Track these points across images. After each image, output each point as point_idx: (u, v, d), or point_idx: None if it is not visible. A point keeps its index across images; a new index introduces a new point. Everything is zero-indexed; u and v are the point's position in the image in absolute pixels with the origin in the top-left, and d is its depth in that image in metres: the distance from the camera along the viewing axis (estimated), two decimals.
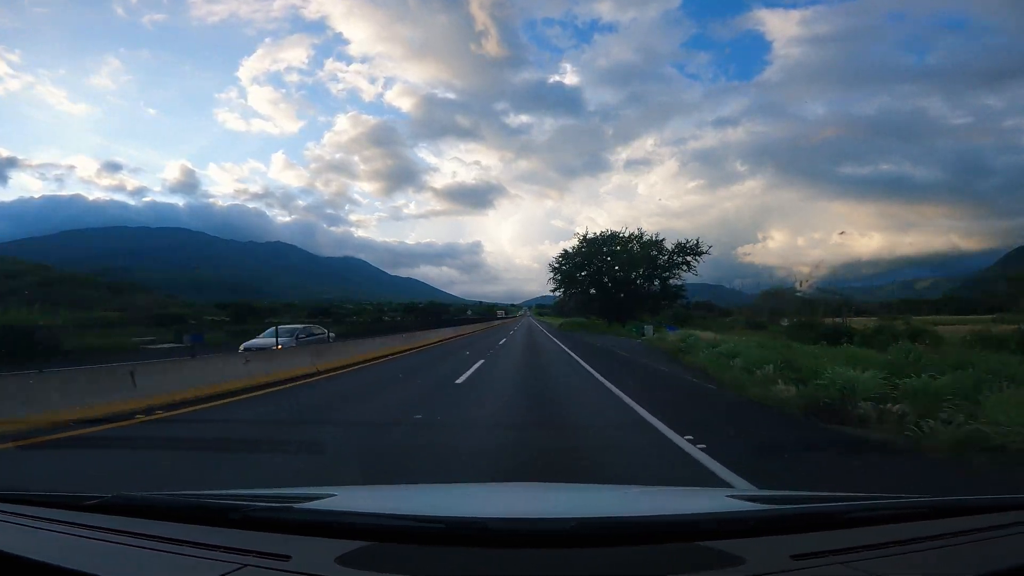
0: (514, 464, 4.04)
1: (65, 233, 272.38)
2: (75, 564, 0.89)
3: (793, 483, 3.56)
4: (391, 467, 3.96)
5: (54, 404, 5.73)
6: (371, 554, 0.95)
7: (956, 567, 0.95)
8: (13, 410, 5.40)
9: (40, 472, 4.20)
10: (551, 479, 3.27)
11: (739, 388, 8.01)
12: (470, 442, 4.85)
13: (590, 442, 4.93)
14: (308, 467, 4.03)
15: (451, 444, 4.74)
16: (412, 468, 3.92)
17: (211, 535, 1.02)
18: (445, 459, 4.19)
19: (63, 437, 5.07)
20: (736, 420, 6.08)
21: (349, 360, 12.48)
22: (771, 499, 1.48)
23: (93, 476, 3.93)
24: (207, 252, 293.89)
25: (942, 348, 11.12)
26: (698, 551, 0.96)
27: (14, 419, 5.26)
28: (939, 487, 3.53)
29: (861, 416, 5.42)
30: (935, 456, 4.19)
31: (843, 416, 5.58)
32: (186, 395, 7.09)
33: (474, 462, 4.07)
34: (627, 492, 1.98)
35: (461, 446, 4.65)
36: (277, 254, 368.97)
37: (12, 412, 5.36)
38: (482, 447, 4.62)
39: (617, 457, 4.33)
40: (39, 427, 5.25)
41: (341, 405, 7.28)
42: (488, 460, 4.14)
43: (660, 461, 4.16)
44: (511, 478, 3.35)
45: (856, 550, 0.95)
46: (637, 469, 4.00)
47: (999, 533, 1.02)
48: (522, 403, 7.23)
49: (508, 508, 1.52)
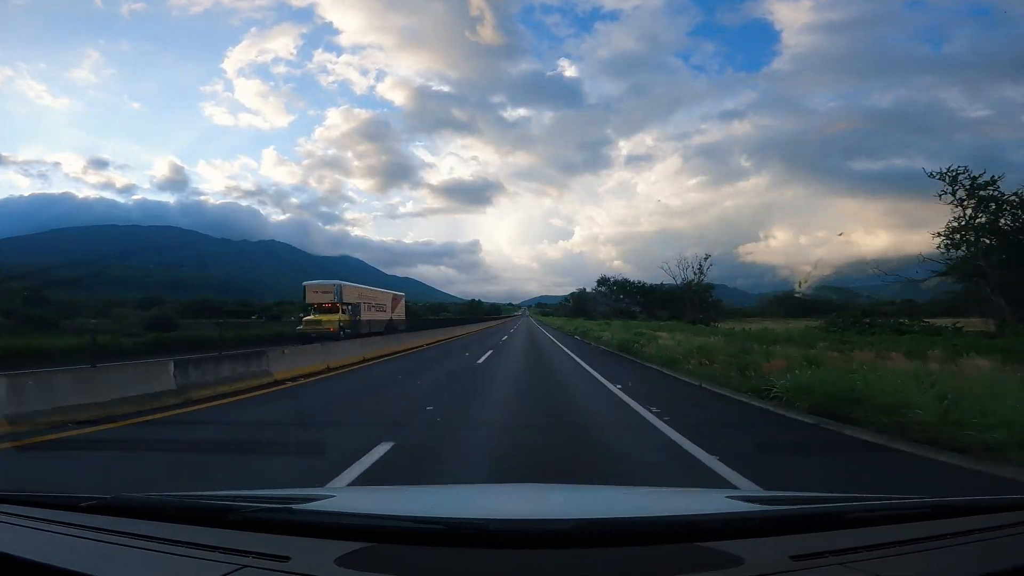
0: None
1: (53, 232, 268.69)
2: (74, 565, 0.88)
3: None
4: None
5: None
6: (371, 555, 0.95)
7: (956, 568, 0.96)
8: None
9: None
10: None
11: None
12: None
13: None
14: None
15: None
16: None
17: (210, 536, 1.02)
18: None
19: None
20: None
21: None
22: (771, 500, 1.49)
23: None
24: (199, 251, 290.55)
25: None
26: (697, 552, 0.97)
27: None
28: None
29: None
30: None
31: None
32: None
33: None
34: (626, 493, 1.99)
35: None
36: (271, 253, 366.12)
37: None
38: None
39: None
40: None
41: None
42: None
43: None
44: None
45: (856, 551, 0.96)
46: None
47: (999, 534, 1.03)
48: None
49: (507, 509, 1.52)
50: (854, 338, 19.20)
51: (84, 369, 6.65)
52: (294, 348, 11.93)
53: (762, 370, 8.07)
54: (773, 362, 8.55)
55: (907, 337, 19.43)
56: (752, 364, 8.68)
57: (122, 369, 7.20)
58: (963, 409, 4.59)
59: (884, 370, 7.04)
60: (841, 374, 6.72)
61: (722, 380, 8.69)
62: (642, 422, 5.81)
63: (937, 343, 14.74)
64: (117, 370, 7.01)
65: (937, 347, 12.83)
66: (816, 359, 8.73)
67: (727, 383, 8.40)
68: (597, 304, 69.60)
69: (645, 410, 6.39)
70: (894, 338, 19.09)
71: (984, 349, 12.34)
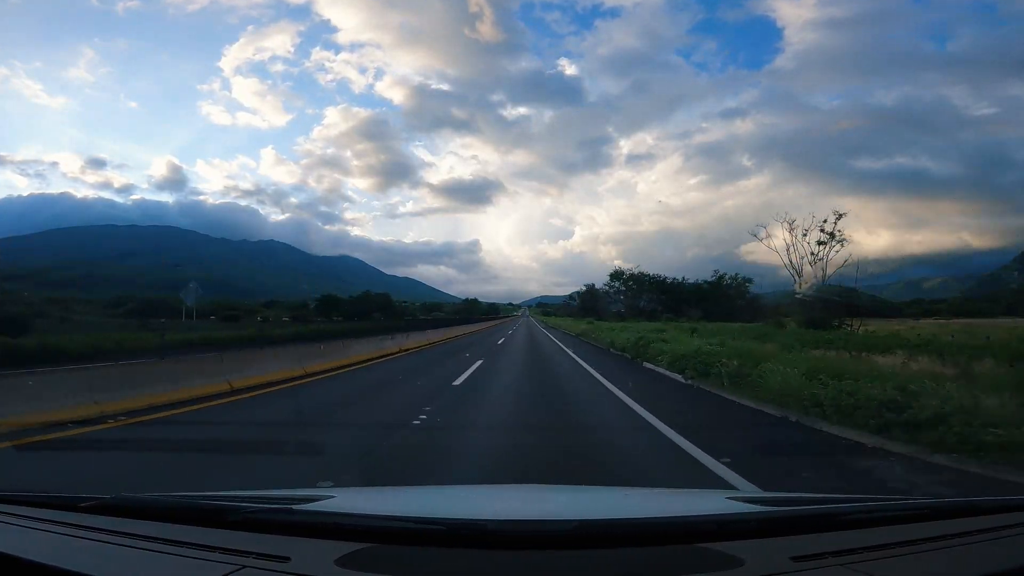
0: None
1: (52, 231, 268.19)
2: (73, 565, 0.88)
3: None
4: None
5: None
6: (371, 556, 0.95)
7: (956, 569, 0.96)
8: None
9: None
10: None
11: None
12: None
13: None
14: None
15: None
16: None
17: (209, 536, 1.01)
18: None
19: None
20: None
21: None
22: (771, 500, 1.49)
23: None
24: (198, 251, 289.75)
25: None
26: (698, 553, 0.97)
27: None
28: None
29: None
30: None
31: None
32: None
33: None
34: (627, 494, 1.99)
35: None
36: (270, 253, 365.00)
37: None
38: None
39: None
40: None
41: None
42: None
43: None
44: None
45: (856, 551, 0.96)
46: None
47: (999, 534, 1.03)
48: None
49: (508, 510, 1.52)
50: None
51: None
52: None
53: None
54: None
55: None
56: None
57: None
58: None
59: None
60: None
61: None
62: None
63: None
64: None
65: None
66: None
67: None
68: (610, 302, 56.41)
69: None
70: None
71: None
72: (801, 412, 5.88)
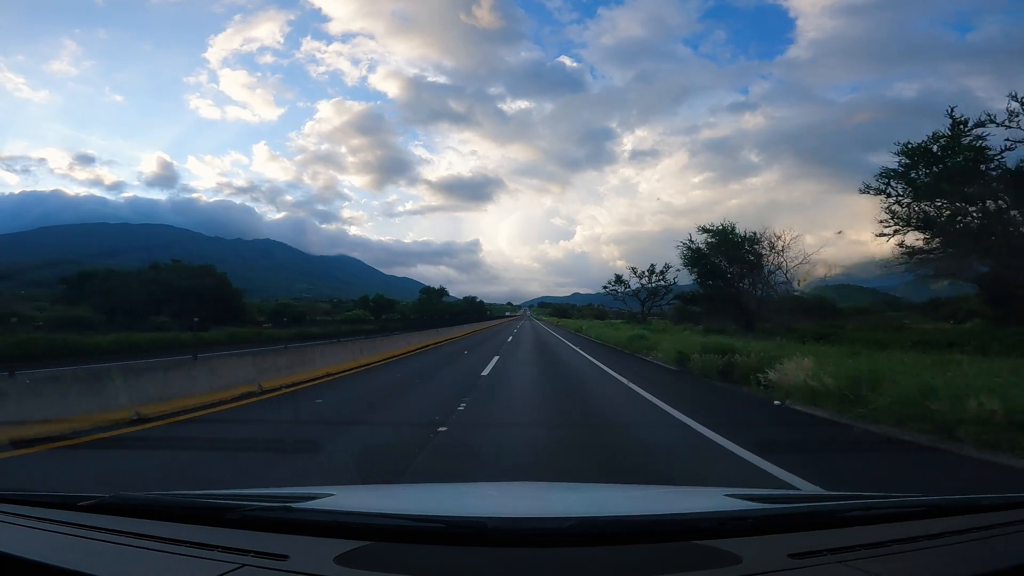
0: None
1: (41, 230, 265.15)
2: (73, 564, 0.88)
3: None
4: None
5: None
6: (370, 554, 0.95)
7: (955, 566, 0.96)
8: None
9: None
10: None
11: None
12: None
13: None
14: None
15: None
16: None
17: (209, 535, 1.01)
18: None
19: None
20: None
21: None
22: (769, 498, 1.49)
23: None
24: (192, 250, 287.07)
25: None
26: (696, 550, 0.97)
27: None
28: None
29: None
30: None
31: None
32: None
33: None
34: (626, 491, 1.99)
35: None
36: (266, 252, 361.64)
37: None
38: None
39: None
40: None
41: None
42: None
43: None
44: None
45: (854, 549, 0.96)
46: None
47: (997, 532, 1.04)
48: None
49: (507, 507, 1.53)
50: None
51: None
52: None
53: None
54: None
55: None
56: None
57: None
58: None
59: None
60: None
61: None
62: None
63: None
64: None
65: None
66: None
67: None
68: (647, 305, 42.04)
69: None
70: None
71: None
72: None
